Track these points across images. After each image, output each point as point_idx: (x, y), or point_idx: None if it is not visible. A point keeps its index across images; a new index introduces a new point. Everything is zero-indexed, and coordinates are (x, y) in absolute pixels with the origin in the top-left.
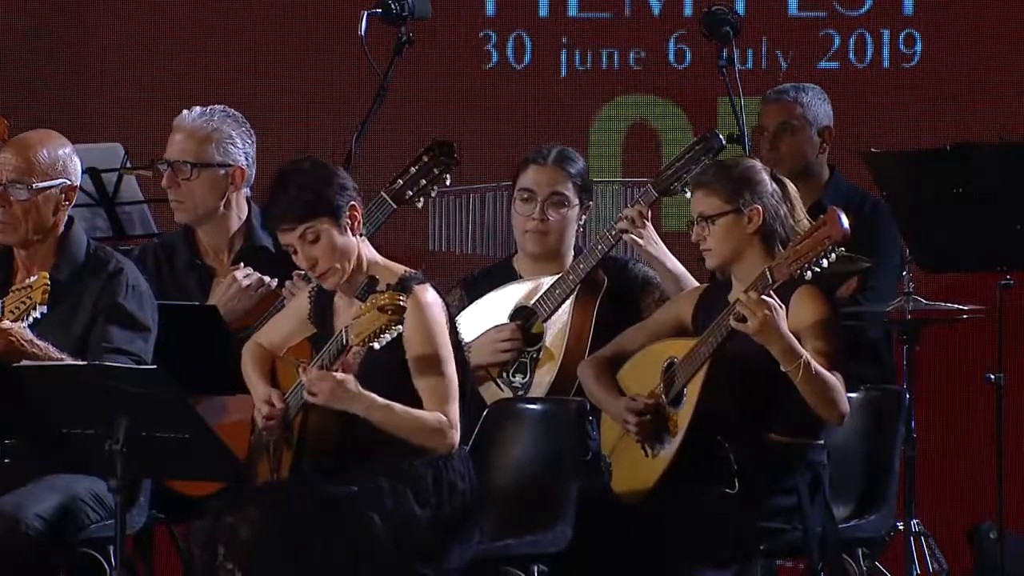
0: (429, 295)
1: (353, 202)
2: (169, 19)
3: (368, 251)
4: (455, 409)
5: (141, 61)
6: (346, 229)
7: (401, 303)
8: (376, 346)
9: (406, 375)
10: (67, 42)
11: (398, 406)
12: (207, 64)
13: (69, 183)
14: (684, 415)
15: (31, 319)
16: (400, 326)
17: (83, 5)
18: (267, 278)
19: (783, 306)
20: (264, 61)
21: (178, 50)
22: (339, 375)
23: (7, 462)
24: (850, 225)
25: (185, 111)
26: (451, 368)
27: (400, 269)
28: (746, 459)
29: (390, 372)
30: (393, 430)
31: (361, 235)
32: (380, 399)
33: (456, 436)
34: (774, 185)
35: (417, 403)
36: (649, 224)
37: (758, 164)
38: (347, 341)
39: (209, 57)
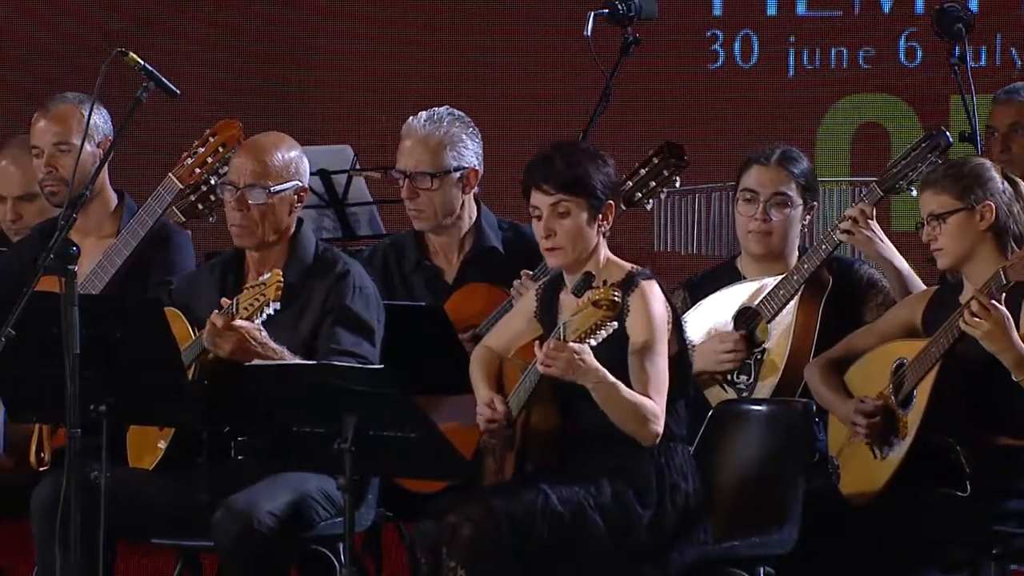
0: (654, 289)
1: (611, 201)
2: (394, 20)
3: (604, 250)
4: (663, 401)
5: (368, 62)
6: (595, 221)
7: (615, 298)
8: (593, 342)
9: (620, 372)
10: (296, 45)
11: (623, 386)
12: (432, 64)
13: (301, 184)
14: (914, 417)
15: (264, 316)
16: (615, 323)
17: (312, 7)
18: None
19: (1011, 317)
20: (489, 62)
21: (405, 50)
22: (576, 345)
23: (240, 459)
24: None
25: (411, 118)
26: (663, 362)
27: (628, 266)
28: (978, 462)
29: (608, 368)
30: (612, 409)
31: (604, 235)
32: (610, 375)
33: (660, 427)
34: (1005, 184)
35: None
36: (875, 223)
37: (988, 162)
38: (564, 337)
39: (434, 57)
